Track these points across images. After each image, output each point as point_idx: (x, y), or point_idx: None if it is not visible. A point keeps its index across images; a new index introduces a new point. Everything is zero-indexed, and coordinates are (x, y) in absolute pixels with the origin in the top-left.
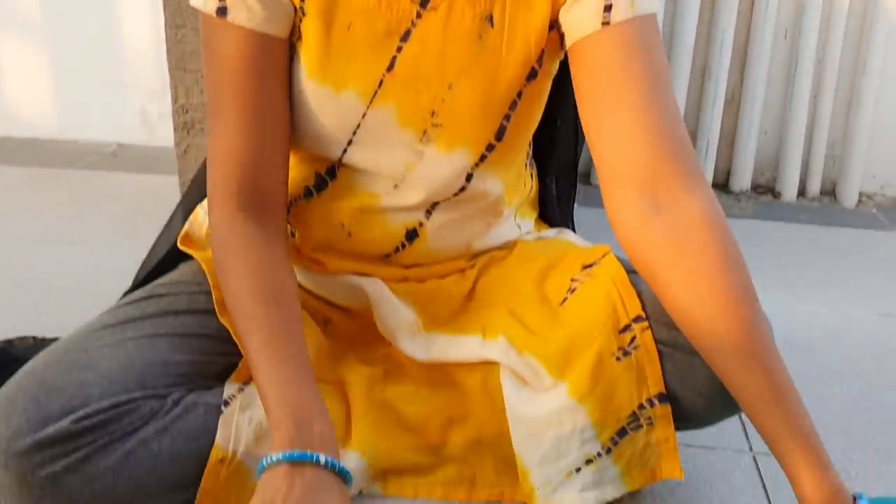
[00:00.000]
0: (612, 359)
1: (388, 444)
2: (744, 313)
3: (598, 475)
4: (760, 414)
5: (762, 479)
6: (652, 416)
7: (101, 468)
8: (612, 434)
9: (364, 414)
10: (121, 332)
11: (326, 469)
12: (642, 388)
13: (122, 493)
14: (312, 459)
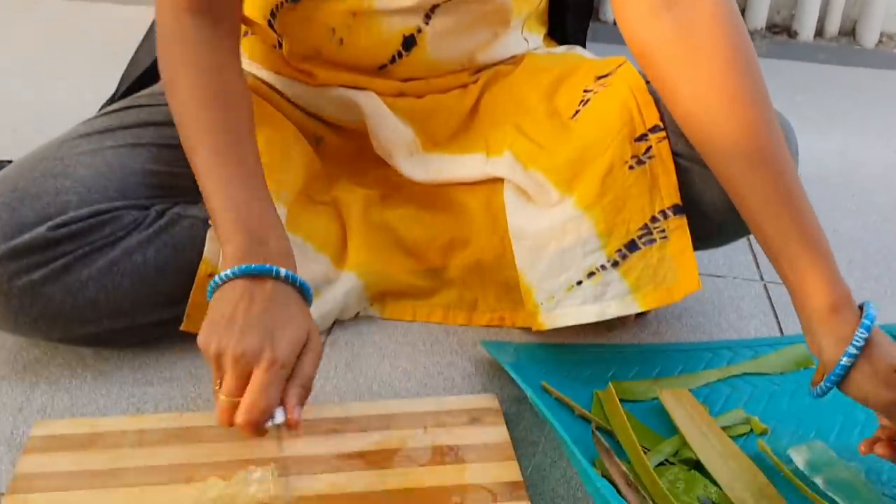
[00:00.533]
0: (623, 167)
1: (387, 266)
2: (752, 116)
3: (601, 289)
4: (767, 220)
5: (773, 306)
6: (666, 229)
7: (83, 278)
8: (619, 246)
9: (361, 235)
10: (98, 141)
11: (287, 282)
12: (655, 198)
13: (105, 305)
14: (271, 273)
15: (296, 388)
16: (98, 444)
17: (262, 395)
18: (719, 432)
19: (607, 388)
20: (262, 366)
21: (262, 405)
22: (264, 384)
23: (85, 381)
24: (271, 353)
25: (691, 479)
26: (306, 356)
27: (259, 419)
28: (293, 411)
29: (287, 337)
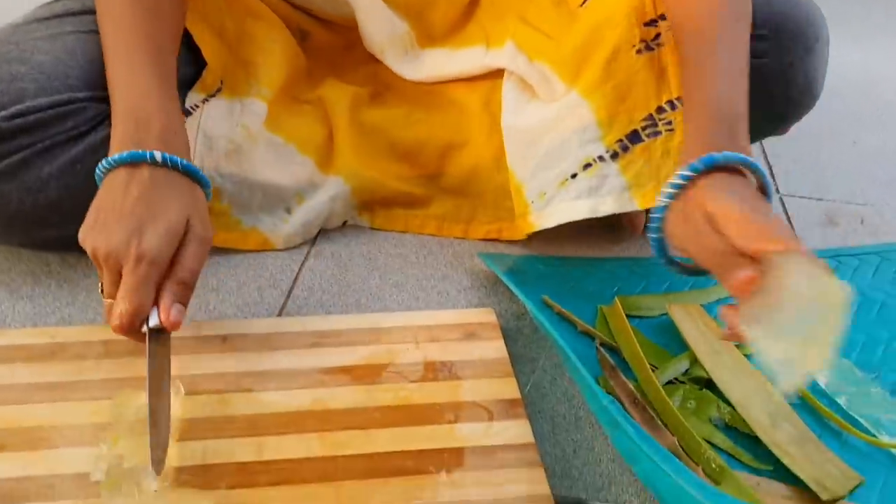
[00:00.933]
0: (630, 51)
1: (376, 171)
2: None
3: (597, 182)
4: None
5: (790, 219)
6: (673, 121)
7: (43, 176)
8: (620, 136)
9: (348, 136)
10: (58, 26)
11: (168, 168)
12: (663, 88)
13: (69, 208)
14: (146, 158)
15: (172, 285)
16: (60, 354)
17: (127, 296)
18: (732, 349)
19: (613, 303)
20: (129, 262)
21: (129, 307)
22: (130, 284)
23: (49, 289)
24: (138, 248)
25: (703, 398)
26: (186, 248)
27: (128, 323)
28: (167, 311)
29: (158, 228)
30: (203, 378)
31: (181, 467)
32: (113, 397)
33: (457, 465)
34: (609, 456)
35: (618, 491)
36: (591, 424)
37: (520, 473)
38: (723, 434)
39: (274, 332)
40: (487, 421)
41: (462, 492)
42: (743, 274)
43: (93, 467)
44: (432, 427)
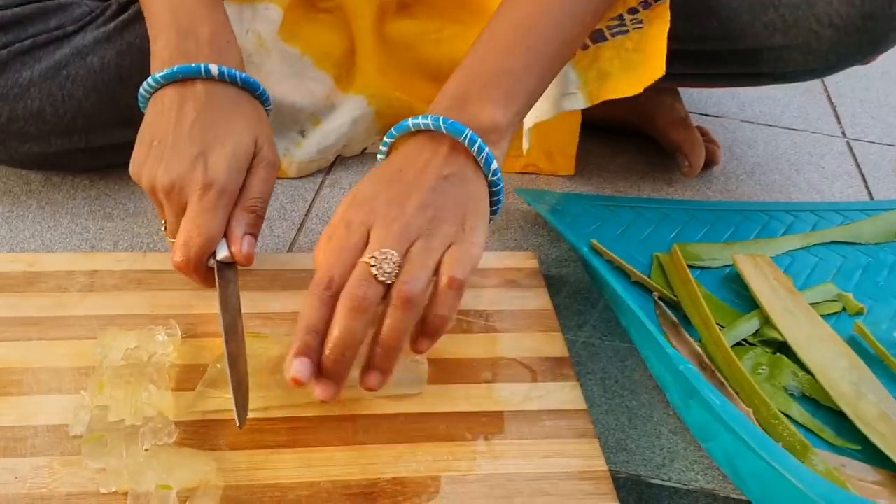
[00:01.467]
0: None
1: (402, 91)
2: None
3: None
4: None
5: (859, 166)
6: (644, 19)
7: (23, 81)
8: None
9: (372, 51)
10: None
11: (225, 83)
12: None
13: (53, 118)
14: (200, 72)
15: (242, 215)
16: (38, 285)
17: (195, 227)
18: (808, 310)
19: (671, 251)
20: (195, 192)
21: (198, 240)
22: (197, 213)
23: (29, 210)
24: (204, 176)
25: (776, 363)
26: (255, 173)
27: (196, 257)
28: (237, 242)
29: (225, 152)
30: (202, 319)
31: (175, 423)
32: (98, 337)
33: (496, 432)
34: (670, 427)
35: (681, 468)
36: (648, 390)
37: (570, 445)
38: (800, 406)
39: (285, 269)
40: (530, 382)
41: (503, 463)
42: None
43: (72, 419)
44: (466, 386)
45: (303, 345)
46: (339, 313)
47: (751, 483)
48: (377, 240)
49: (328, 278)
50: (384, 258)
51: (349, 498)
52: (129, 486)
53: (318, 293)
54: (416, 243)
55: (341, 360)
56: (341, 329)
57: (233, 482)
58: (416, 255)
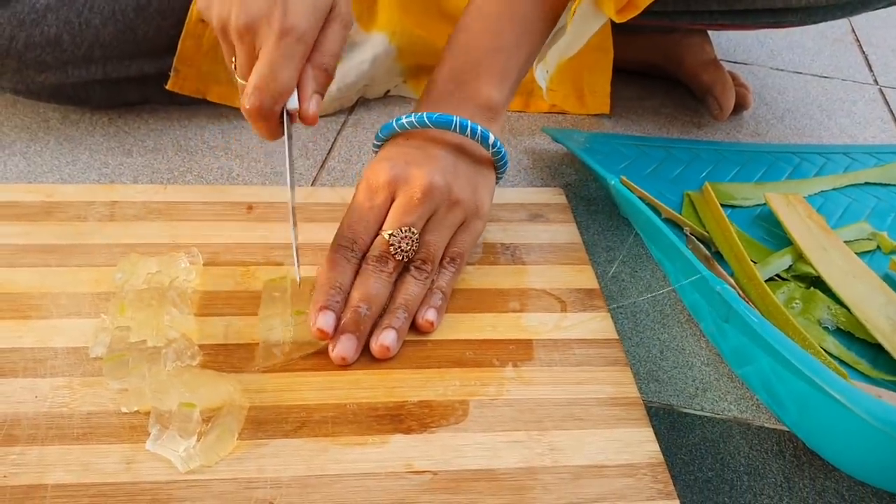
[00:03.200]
0: None
1: (426, 31)
2: None
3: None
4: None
5: (892, 112)
6: None
7: (39, 7)
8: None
9: None
10: None
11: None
12: None
13: (70, 47)
14: None
15: (314, 72)
16: (57, 215)
17: (271, 73)
18: (842, 246)
19: (703, 189)
20: (272, 36)
21: (273, 86)
22: (274, 60)
23: (47, 146)
24: (283, 20)
25: (811, 297)
26: (330, 28)
27: (270, 104)
28: (307, 99)
29: (306, 0)
30: (225, 248)
31: (199, 346)
32: (119, 263)
33: (525, 359)
34: (703, 359)
35: (714, 398)
36: (679, 323)
37: (602, 372)
38: (834, 339)
39: (307, 201)
40: (560, 312)
41: (532, 389)
42: None
43: (92, 340)
44: (494, 315)
45: (328, 299)
46: (361, 279)
47: (789, 405)
48: (400, 210)
49: (351, 240)
50: (403, 237)
51: (376, 419)
52: (151, 405)
53: (343, 252)
54: (434, 218)
55: (360, 320)
56: (362, 292)
57: (258, 403)
58: (435, 231)
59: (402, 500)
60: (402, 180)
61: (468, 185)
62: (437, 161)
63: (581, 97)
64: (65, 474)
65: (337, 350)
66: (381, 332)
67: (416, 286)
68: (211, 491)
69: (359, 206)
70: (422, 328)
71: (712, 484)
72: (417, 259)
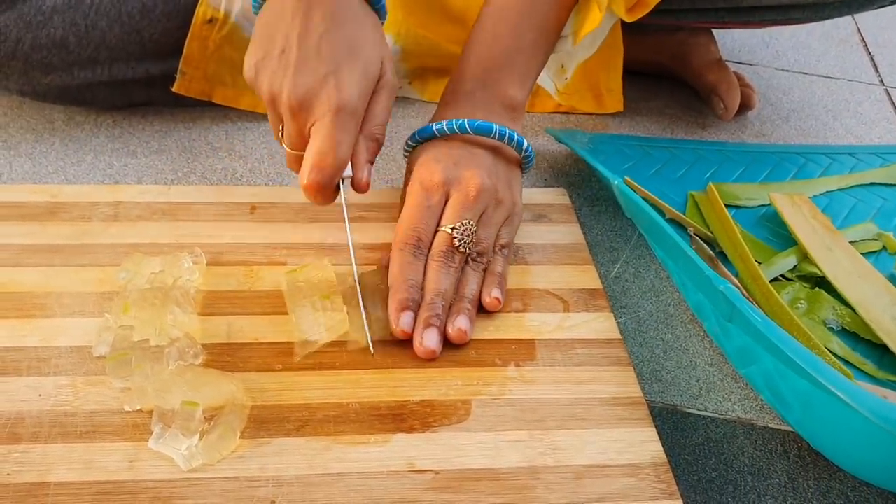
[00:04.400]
0: None
1: (430, 32)
2: None
3: None
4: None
5: None
6: None
7: (45, 9)
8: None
9: None
10: None
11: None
12: None
13: (76, 49)
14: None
15: (367, 140)
16: (62, 215)
17: (329, 151)
18: (848, 247)
19: (707, 189)
20: (327, 114)
21: (331, 163)
22: (331, 136)
23: (52, 147)
24: (338, 97)
25: (815, 298)
26: (379, 97)
27: (328, 179)
28: (363, 170)
29: (356, 74)
30: (228, 248)
31: (202, 345)
32: (123, 263)
33: (527, 359)
34: (706, 359)
35: (718, 398)
36: (683, 323)
37: (604, 372)
38: (839, 339)
39: (309, 202)
40: (562, 312)
41: (534, 389)
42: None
43: (96, 340)
44: (497, 315)
45: (406, 299)
46: (432, 275)
47: (793, 404)
48: (458, 207)
49: (416, 238)
50: (464, 230)
51: (378, 418)
52: (153, 404)
53: (410, 251)
54: (484, 216)
55: (438, 310)
56: (436, 286)
57: (260, 402)
58: (486, 227)
59: (403, 498)
60: (454, 180)
61: (507, 185)
62: (482, 162)
63: (598, 96)
64: (67, 472)
65: (425, 344)
66: (457, 317)
67: (476, 276)
68: (213, 489)
69: (417, 205)
70: (490, 306)
71: (716, 484)
72: (473, 252)
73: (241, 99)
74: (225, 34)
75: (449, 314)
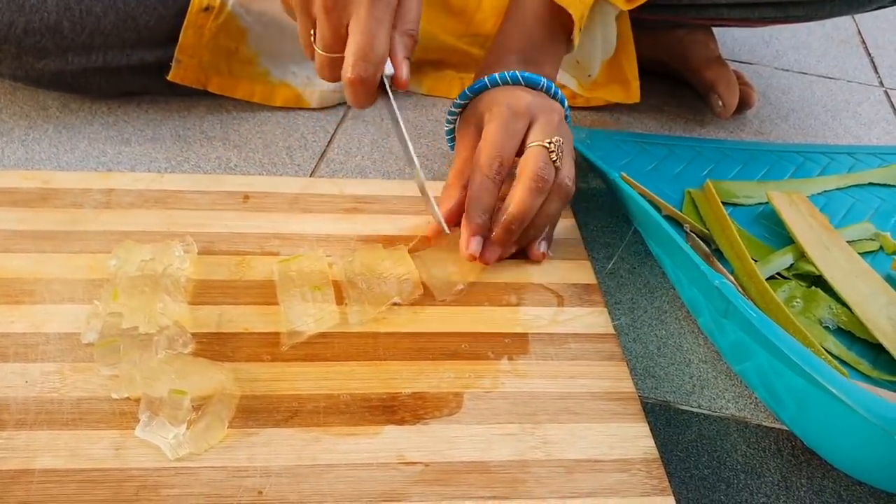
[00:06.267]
0: None
1: (427, 23)
2: None
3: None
4: None
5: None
6: None
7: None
8: None
9: None
10: None
11: None
12: None
13: (70, 34)
14: None
15: (401, 35)
16: (54, 201)
17: (369, 42)
18: (845, 246)
19: (704, 186)
20: (362, 7)
21: (374, 54)
22: (371, 28)
23: (45, 134)
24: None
25: (811, 296)
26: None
27: (373, 72)
28: (402, 66)
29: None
30: (220, 237)
31: (192, 334)
32: (113, 250)
33: (521, 353)
34: (700, 356)
35: (711, 395)
36: (677, 320)
37: (597, 367)
38: (835, 338)
39: (305, 192)
40: (557, 306)
41: (527, 382)
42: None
43: (84, 327)
44: (490, 308)
45: (481, 224)
46: (521, 192)
47: (787, 401)
48: (546, 127)
49: (499, 161)
50: (559, 144)
51: (369, 410)
52: (141, 392)
53: (491, 175)
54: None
55: (512, 233)
56: (520, 204)
57: (249, 392)
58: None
59: (392, 491)
60: (538, 107)
61: (569, 130)
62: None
63: (626, 84)
64: (53, 459)
65: (485, 256)
66: (540, 242)
67: (555, 209)
68: (199, 478)
69: (504, 128)
70: (537, 258)
71: (708, 482)
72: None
73: (236, 88)
74: (221, 22)
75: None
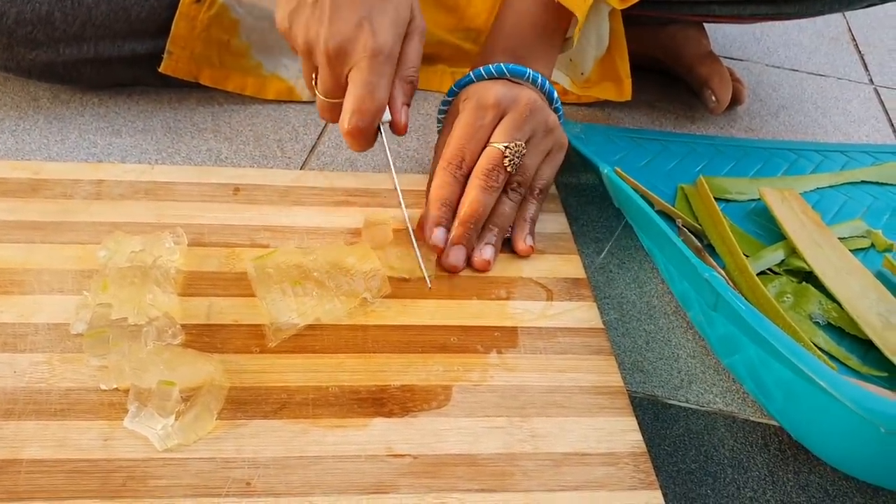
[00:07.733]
0: None
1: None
2: None
3: None
4: None
5: (887, 111)
6: None
7: None
8: None
9: None
10: None
11: None
12: None
13: (61, 25)
14: None
15: (401, 84)
16: (44, 192)
17: (368, 95)
18: (836, 243)
19: (697, 182)
20: (363, 59)
21: (372, 107)
22: (369, 81)
23: (36, 125)
24: (373, 42)
25: (802, 292)
26: (410, 41)
27: (369, 124)
28: (401, 112)
29: (388, 18)
30: (210, 229)
31: (181, 325)
32: (103, 241)
33: (509, 346)
34: (688, 351)
35: (699, 390)
36: (666, 314)
37: (585, 361)
38: (825, 334)
39: (295, 185)
40: (546, 300)
41: (515, 376)
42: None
43: (73, 317)
44: (480, 302)
45: (440, 215)
46: (471, 191)
47: (775, 394)
48: (510, 125)
49: (460, 157)
50: (516, 150)
51: (357, 402)
52: (130, 383)
53: (452, 171)
54: (532, 141)
55: (470, 230)
56: (472, 203)
57: (238, 383)
58: (531, 155)
59: (380, 482)
60: (510, 99)
61: (553, 118)
62: (532, 94)
63: (619, 82)
64: (41, 450)
65: (450, 259)
66: (484, 247)
67: (510, 207)
68: (188, 470)
69: (469, 124)
70: (524, 252)
71: (695, 476)
72: (514, 181)
73: (227, 80)
74: (213, 14)
75: (477, 240)
